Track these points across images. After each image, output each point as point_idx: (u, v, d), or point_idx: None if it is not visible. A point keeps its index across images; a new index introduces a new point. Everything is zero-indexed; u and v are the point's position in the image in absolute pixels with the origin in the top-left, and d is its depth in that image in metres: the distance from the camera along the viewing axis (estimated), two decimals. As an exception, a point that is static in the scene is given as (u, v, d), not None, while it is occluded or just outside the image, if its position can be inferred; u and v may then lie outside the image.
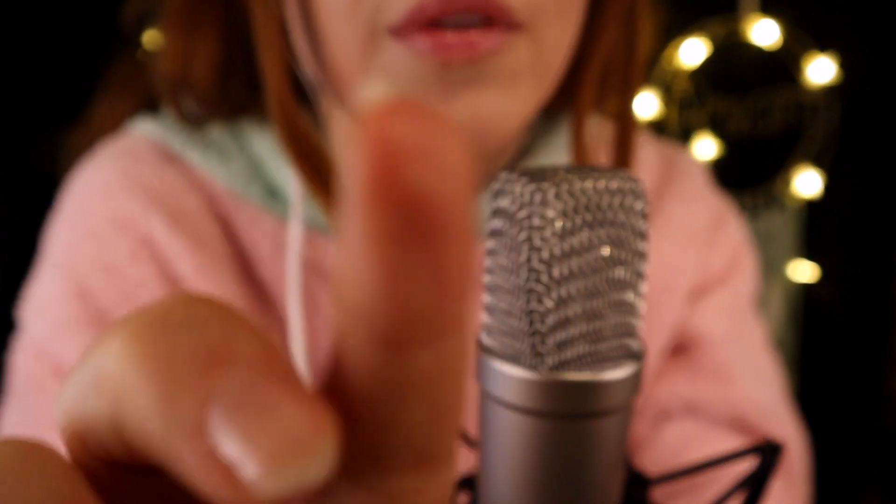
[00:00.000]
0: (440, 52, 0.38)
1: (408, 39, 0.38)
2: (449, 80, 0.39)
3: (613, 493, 0.25)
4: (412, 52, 0.38)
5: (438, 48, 0.38)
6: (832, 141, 1.21)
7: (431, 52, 0.38)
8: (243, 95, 0.50)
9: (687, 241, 0.53)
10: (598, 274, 0.22)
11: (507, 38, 0.39)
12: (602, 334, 0.23)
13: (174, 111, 0.51)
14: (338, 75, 0.42)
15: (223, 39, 0.48)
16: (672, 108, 1.13)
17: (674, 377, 0.52)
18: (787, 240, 1.23)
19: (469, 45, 0.38)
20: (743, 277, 0.56)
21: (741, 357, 0.53)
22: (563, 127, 0.52)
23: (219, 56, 0.48)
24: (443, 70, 0.39)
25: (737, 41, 1.14)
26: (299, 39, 0.43)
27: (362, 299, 0.12)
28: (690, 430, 0.51)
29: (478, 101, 0.40)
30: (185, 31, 0.48)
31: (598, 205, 0.22)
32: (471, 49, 0.38)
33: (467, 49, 0.38)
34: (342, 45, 0.40)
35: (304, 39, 0.43)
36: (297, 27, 0.43)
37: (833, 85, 1.18)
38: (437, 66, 0.38)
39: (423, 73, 0.39)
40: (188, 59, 0.48)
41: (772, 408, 0.52)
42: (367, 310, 0.12)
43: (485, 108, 0.40)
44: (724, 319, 0.54)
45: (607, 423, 0.23)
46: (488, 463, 0.25)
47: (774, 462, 0.26)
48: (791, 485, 0.52)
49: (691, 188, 0.55)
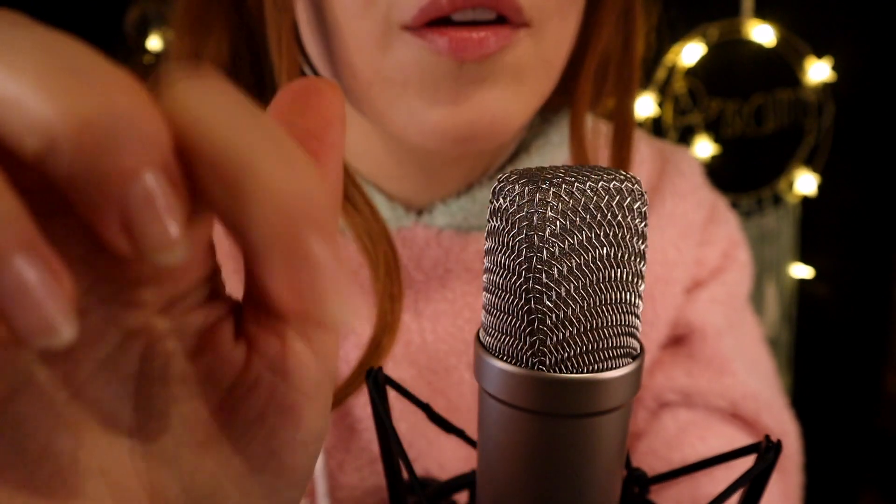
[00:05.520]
0: (457, 52, 0.38)
1: (423, 35, 0.39)
2: (461, 77, 0.39)
3: (613, 490, 0.25)
4: (428, 47, 0.39)
5: (455, 47, 0.38)
6: (827, 142, 1.21)
7: (448, 51, 0.38)
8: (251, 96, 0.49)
9: (682, 235, 0.54)
10: (597, 273, 0.22)
11: (514, 33, 0.39)
12: (601, 333, 0.23)
13: None
14: (351, 73, 0.42)
15: (232, 40, 0.48)
16: (670, 110, 1.13)
17: (671, 368, 0.53)
18: (783, 240, 1.24)
19: (481, 42, 0.38)
20: (737, 270, 0.57)
21: (736, 348, 0.54)
22: (561, 125, 0.52)
23: (227, 57, 0.48)
24: (457, 67, 0.39)
25: (734, 44, 1.15)
26: (311, 39, 0.44)
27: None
28: (687, 420, 0.51)
29: (487, 98, 0.40)
30: (194, 31, 0.48)
31: (597, 205, 0.22)
32: (484, 46, 0.38)
33: (480, 46, 0.38)
34: (356, 43, 0.40)
35: (317, 38, 0.43)
36: (308, 26, 0.43)
37: (828, 87, 1.19)
38: (452, 63, 0.39)
39: (438, 70, 0.39)
40: (197, 60, 0.48)
41: (766, 398, 0.53)
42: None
43: (493, 105, 0.40)
44: (720, 311, 0.54)
45: (606, 422, 0.23)
46: (488, 461, 0.25)
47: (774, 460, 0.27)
48: (785, 474, 0.52)
49: (686, 183, 0.56)
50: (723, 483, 0.34)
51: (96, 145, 0.14)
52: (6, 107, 0.15)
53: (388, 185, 0.49)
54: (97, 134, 0.14)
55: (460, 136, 0.40)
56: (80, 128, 0.14)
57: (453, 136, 0.40)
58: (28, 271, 0.14)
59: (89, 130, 0.14)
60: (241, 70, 0.49)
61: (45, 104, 0.14)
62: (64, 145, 0.14)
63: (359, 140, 0.48)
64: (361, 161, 0.48)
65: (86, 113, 0.14)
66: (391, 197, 0.49)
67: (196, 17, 0.48)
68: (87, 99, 0.15)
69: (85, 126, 0.14)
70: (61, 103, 0.14)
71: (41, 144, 0.14)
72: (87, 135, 0.14)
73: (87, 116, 0.14)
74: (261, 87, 0.50)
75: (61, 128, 0.14)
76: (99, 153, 0.14)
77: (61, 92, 0.14)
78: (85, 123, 0.14)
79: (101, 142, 0.14)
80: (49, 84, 0.14)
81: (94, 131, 0.14)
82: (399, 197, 0.49)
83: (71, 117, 0.14)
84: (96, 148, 0.14)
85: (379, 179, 0.49)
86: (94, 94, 0.15)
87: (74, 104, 0.14)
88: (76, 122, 0.14)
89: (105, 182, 0.15)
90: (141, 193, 0.15)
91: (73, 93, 0.14)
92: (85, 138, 0.14)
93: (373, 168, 0.49)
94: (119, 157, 0.15)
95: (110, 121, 0.15)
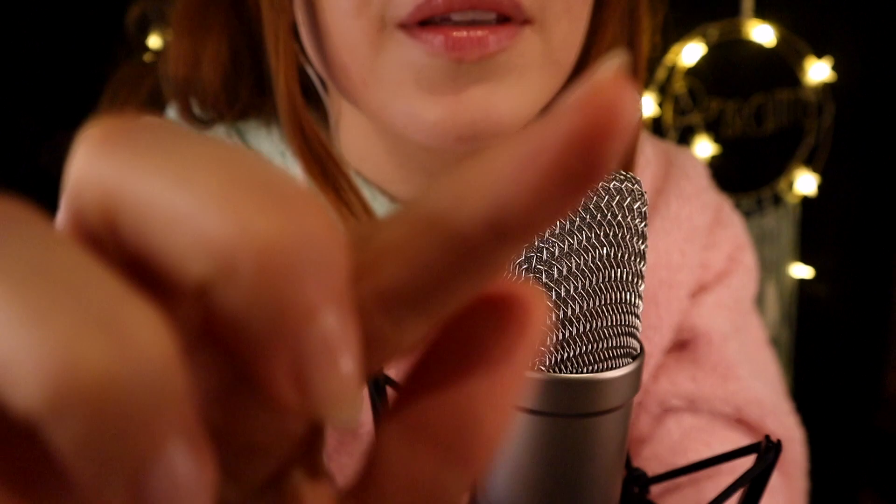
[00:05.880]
0: (453, 50, 0.38)
1: (417, 35, 0.38)
2: (460, 76, 0.39)
3: (613, 490, 0.25)
4: (423, 46, 0.38)
5: (451, 45, 0.37)
6: (827, 142, 1.21)
7: (444, 50, 0.38)
8: (250, 98, 0.49)
9: (687, 238, 0.54)
10: (597, 274, 0.22)
11: (518, 31, 0.39)
12: (601, 333, 0.23)
13: (183, 114, 0.51)
14: (345, 72, 0.41)
15: (231, 41, 0.48)
16: (670, 110, 1.13)
17: (675, 373, 0.53)
18: (783, 240, 1.23)
19: (480, 41, 0.38)
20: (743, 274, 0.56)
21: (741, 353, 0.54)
22: None
23: (226, 58, 0.48)
24: (454, 67, 0.38)
25: (734, 44, 1.15)
26: (307, 41, 0.43)
27: (502, 195, 0.13)
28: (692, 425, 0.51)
29: (488, 97, 0.40)
30: (193, 32, 0.48)
31: (597, 205, 0.22)
32: (482, 46, 0.38)
33: (479, 46, 0.38)
34: (349, 42, 0.40)
35: (311, 38, 0.43)
36: (304, 28, 0.43)
37: (828, 87, 1.19)
38: (449, 63, 0.38)
39: (434, 69, 0.39)
40: (196, 61, 0.48)
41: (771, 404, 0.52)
42: (498, 202, 0.13)
43: (495, 104, 0.40)
44: (725, 316, 0.54)
45: (607, 422, 0.23)
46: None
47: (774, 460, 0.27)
48: (789, 480, 0.52)
49: (691, 186, 0.55)
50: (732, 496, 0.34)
51: (278, 272, 0.12)
52: (172, 225, 0.12)
53: (391, 188, 0.49)
54: (283, 259, 0.12)
55: (462, 135, 0.40)
56: (264, 250, 0.12)
57: (456, 135, 0.40)
58: (181, 465, 0.11)
59: (275, 254, 0.12)
60: (241, 71, 0.49)
61: (223, 220, 0.12)
62: (242, 270, 0.12)
63: (362, 142, 0.48)
64: (363, 163, 0.48)
65: (272, 232, 0.12)
66: (393, 199, 0.49)
67: (195, 18, 0.48)
68: (273, 217, 0.12)
69: (269, 248, 0.12)
70: (243, 219, 0.12)
71: (211, 269, 0.12)
72: (270, 259, 0.12)
73: (272, 236, 0.12)
74: (260, 88, 0.50)
75: (241, 249, 0.12)
76: (281, 282, 0.12)
77: (243, 206, 0.12)
78: (270, 245, 0.12)
79: (285, 268, 0.12)
80: (228, 197, 0.12)
81: (280, 256, 0.12)
82: (401, 199, 0.49)
83: (253, 237, 0.12)
84: (278, 276, 0.12)
85: (381, 181, 0.49)
86: (281, 212, 0.12)
87: (259, 222, 0.12)
88: (259, 243, 0.12)
89: (282, 317, 0.12)
90: (323, 333, 0.12)
91: (257, 209, 0.12)
92: (267, 263, 0.12)
93: (375, 170, 0.49)
94: (303, 289, 0.12)
95: (299, 244, 0.12)
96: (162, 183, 0.12)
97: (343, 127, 0.49)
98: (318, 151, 0.45)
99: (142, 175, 0.13)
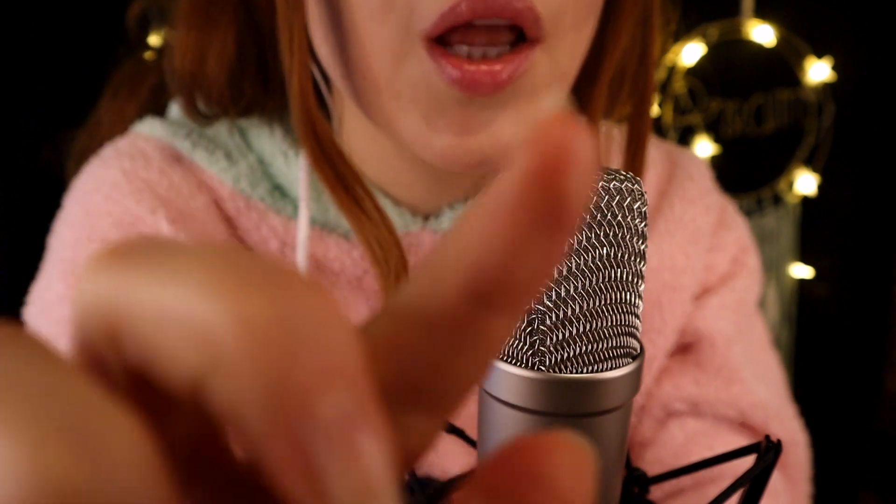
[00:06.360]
0: (467, 88, 0.38)
1: (438, 59, 0.38)
2: (471, 105, 0.39)
3: (613, 491, 0.25)
4: (441, 72, 0.38)
5: (466, 84, 0.38)
6: (827, 142, 1.21)
7: (459, 85, 0.38)
8: (254, 94, 0.49)
9: (691, 240, 0.53)
10: (597, 274, 0.22)
11: (529, 56, 0.39)
12: (601, 333, 0.23)
13: (188, 108, 0.51)
14: (366, 78, 0.41)
15: (238, 37, 0.48)
16: (670, 110, 1.13)
17: (679, 376, 0.52)
18: (783, 240, 1.23)
19: (493, 75, 0.38)
20: (747, 276, 0.56)
21: (745, 356, 0.53)
22: None
23: (232, 54, 0.48)
24: (466, 99, 0.39)
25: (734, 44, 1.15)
26: (323, 40, 0.43)
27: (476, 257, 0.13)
28: (695, 429, 0.51)
29: (498, 123, 0.40)
30: (200, 27, 0.48)
31: (597, 205, 0.22)
32: (495, 84, 0.38)
33: (492, 83, 0.38)
34: (374, 48, 0.40)
35: (331, 40, 0.42)
36: (322, 27, 0.43)
37: (828, 87, 1.19)
38: (462, 95, 0.38)
39: (446, 97, 0.39)
40: (202, 56, 0.48)
41: (775, 407, 0.52)
42: (473, 267, 0.13)
43: (504, 129, 0.40)
44: (729, 318, 0.54)
45: (607, 422, 0.23)
46: (488, 461, 0.25)
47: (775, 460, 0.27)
48: (793, 484, 0.52)
49: (695, 188, 0.55)
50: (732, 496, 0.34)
51: (271, 353, 0.11)
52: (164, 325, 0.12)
53: (396, 190, 0.49)
54: (275, 337, 0.11)
55: (470, 162, 0.40)
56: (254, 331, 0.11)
57: (464, 162, 0.40)
58: None
59: (265, 334, 0.11)
60: (246, 68, 0.49)
61: (209, 308, 0.11)
62: (232, 355, 0.11)
63: (366, 144, 0.48)
64: (369, 165, 0.48)
65: (261, 313, 0.11)
66: (398, 202, 0.49)
67: (202, 13, 0.48)
68: (263, 299, 0.12)
69: (259, 328, 0.11)
70: (229, 304, 0.12)
71: (202, 361, 0.11)
72: (260, 339, 0.11)
73: (262, 317, 0.11)
74: (266, 84, 0.49)
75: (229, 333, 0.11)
76: (275, 363, 0.11)
77: (229, 292, 0.12)
78: (259, 325, 0.11)
79: (278, 347, 0.11)
80: (215, 286, 0.12)
81: (271, 335, 0.11)
82: (406, 202, 0.49)
83: (241, 319, 0.11)
84: (270, 357, 0.11)
85: (386, 184, 0.49)
86: (272, 294, 0.12)
87: (247, 304, 0.11)
88: (248, 325, 0.11)
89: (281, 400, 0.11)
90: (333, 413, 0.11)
91: (246, 293, 0.12)
92: (258, 344, 0.11)
93: (380, 172, 0.49)
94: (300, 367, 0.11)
95: (291, 322, 0.11)
96: (153, 287, 0.12)
97: (347, 128, 0.49)
98: (329, 151, 0.44)
99: (135, 285, 0.13)
